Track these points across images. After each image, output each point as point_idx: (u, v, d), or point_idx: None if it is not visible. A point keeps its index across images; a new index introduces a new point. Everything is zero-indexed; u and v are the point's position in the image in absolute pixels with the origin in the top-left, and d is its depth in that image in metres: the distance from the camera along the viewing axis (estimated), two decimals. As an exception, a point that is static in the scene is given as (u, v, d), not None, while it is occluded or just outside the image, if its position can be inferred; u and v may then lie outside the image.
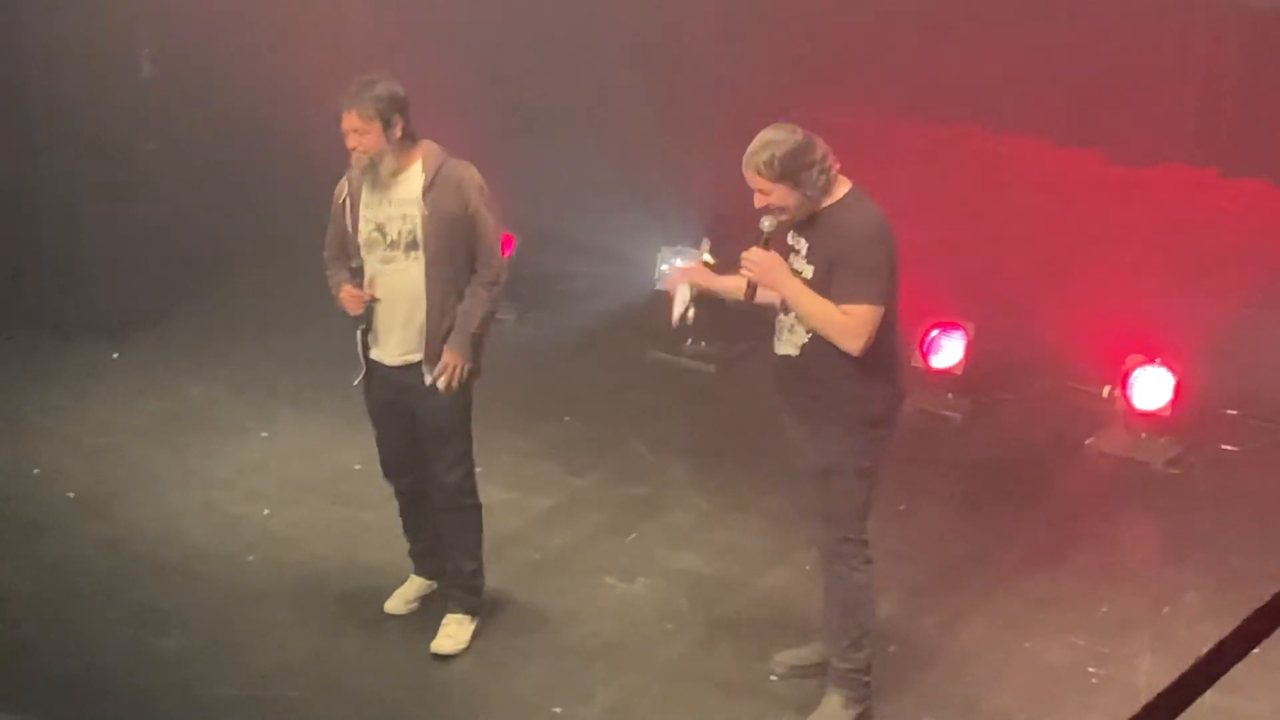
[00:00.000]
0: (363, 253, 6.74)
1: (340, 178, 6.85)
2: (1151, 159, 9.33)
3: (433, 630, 7.13)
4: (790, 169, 5.94)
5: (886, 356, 6.16)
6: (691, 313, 6.53)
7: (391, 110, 6.54)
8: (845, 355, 6.00)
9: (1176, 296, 9.11)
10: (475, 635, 7.16)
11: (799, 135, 6.01)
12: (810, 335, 6.08)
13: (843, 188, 6.07)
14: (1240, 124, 9.08)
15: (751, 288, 6.18)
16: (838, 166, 6.05)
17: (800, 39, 10.13)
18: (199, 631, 7.25)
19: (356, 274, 6.75)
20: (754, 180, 6.03)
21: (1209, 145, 9.19)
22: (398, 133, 6.57)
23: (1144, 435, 8.92)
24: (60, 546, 7.94)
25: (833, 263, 5.97)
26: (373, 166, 6.60)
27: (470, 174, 6.72)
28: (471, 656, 7.09)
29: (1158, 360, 8.85)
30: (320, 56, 10.52)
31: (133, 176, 10.21)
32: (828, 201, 6.04)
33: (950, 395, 9.34)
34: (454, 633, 7.13)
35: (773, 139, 6.01)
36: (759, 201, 6.05)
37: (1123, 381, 8.92)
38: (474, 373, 6.85)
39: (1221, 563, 7.78)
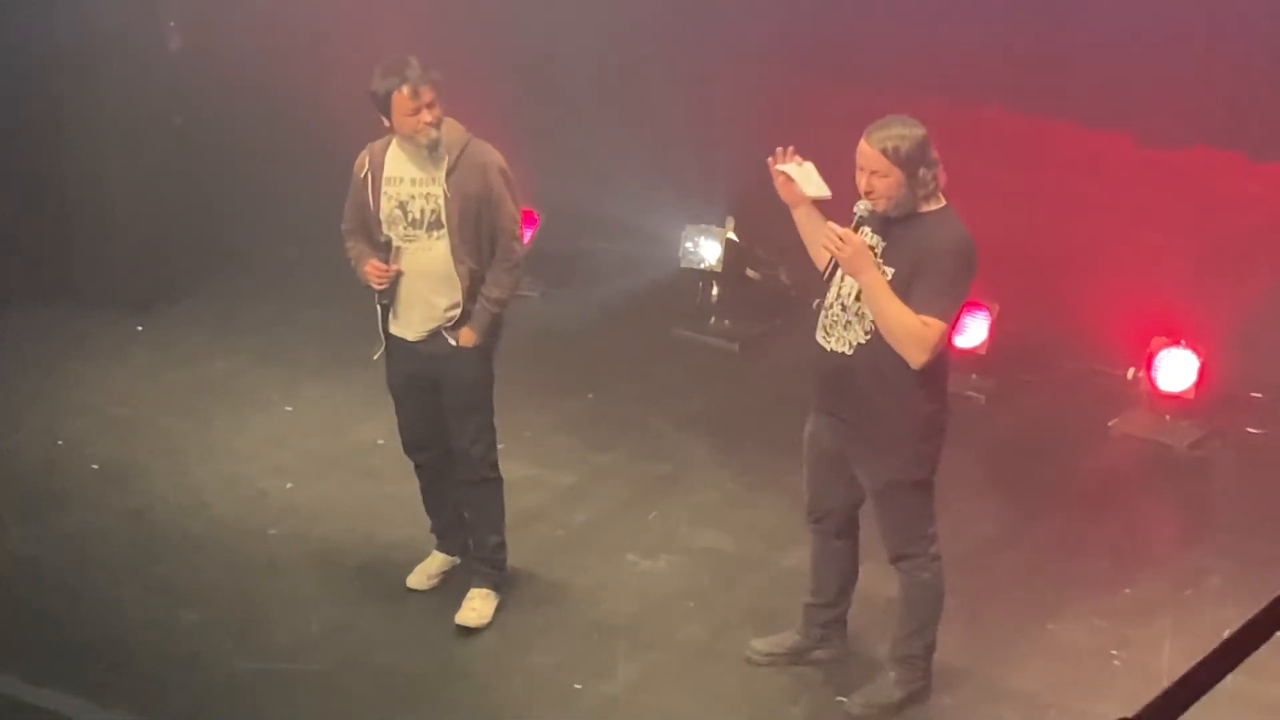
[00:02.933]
0: (384, 228, 6.76)
1: (360, 150, 6.88)
2: (1180, 141, 9.28)
3: (454, 606, 7.14)
4: (915, 159, 5.87)
5: (941, 372, 6.14)
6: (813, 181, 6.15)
7: None
8: (898, 366, 5.96)
9: (1202, 279, 9.07)
10: (498, 610, 7.18)
11: (924, 131, 5.93)
12: (869, 336, 6.01)
13: (940, 200, 6.01)
14: (1269, 107, 9.03)
15: (832, 265, 6.09)
16: (944, 178, 5.99)
17: (826, 18, 10.08)
18: (220, 604, 7.27)
19: (383, 248, 6.76)
20: (873, 159, 5.90)
21: (1237, 128, 9.13)
22: None
23: (1168, 418, 8.89)
24: (83, 517, 7.96)
25: (918, 270, 5.90)
26: (439, 140, 6.63)
27: (494, 157, 6.73)
28: (493, 632, 7.10)
29: (1182, 342, 8.82)
30: (349, 28, 10.52)
31: (159, 150, 10.22)
32: (925, 208, 5.97)
33: (974, 376, 9.31)
34: (479, 607, 7.14)
35: (903, 127, 5.91)
36: (865, 183, 5.94)
37: (1147, 363, 8.90)
38: (490, 348, 6.91)
39: (1245, 546, 7.76)
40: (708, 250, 10.06)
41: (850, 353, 6.08)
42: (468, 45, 9.83)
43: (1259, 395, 9.18)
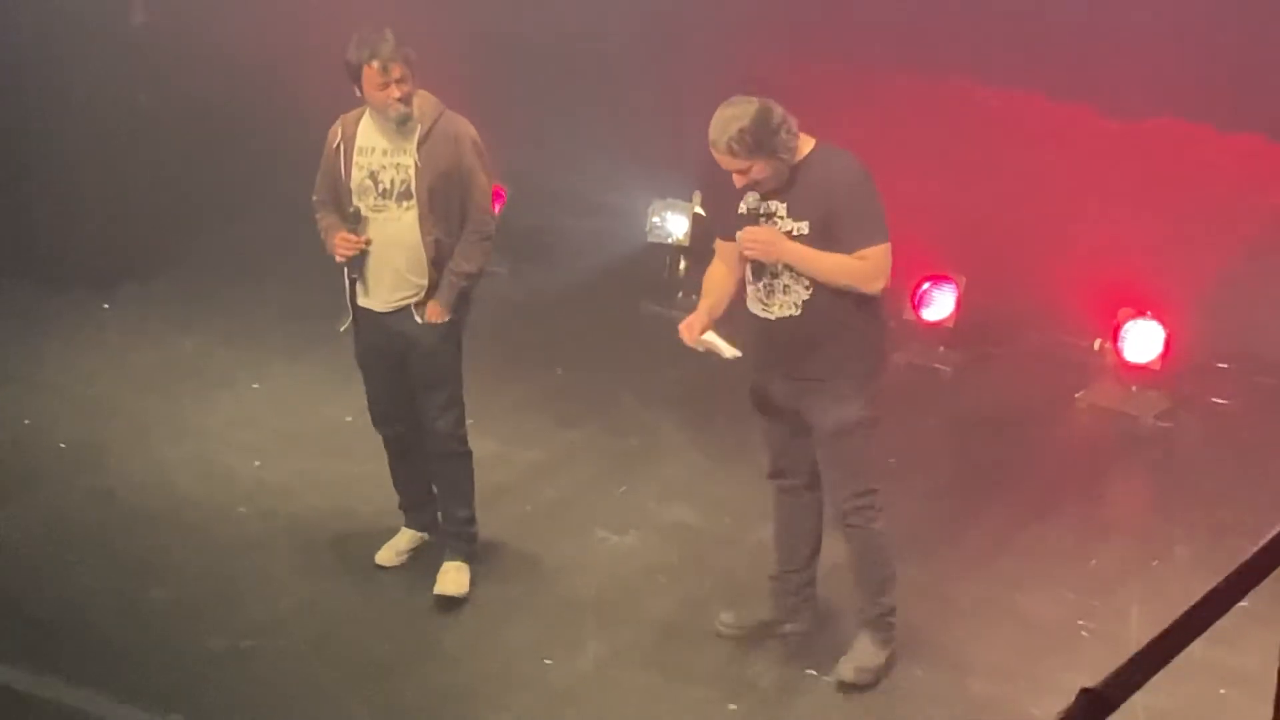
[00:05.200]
0: (354, 198, 6.75)
1: (333, 123, 6.87)
2: (1146, 113, 9.30)
3: (424, 582, 7.15)
4: (762, 138, 5.91)
5: (880, 300, 6.22)
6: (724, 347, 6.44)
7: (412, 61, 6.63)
8: (847, 308, 6.06)
9: (1168, 250, 9.09)
10: (471, 582, 7.18)
11: (755, 103, 5.96)
12: (811, 292, 6.07)
13: (808, 143, 6.07)
14: (1236, 78, 9.04)
15: (749, 264, 6.22)
16: (797, 122, 6.03)
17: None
18: (189, 583, 7.26)
19: (352, 219, 6.75)
20: (728, 161, 5.98)
21: (1204, 99, 9.15)
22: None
23: (1134, 389, 8.92)
24: (51, 497, 7.94)
25: (830, 214, 5.97)
26: (407, 115, 6.60)
27: (466, 129, 6.74)
28: (463, 608, 7.10)
29: (1149, 314, 8.84)
30: (320, 2, 10.46)
31: (124, 128, 10.17)
32: (798, 158, 6.03)
33: (941, 348, 9.33)
34: (456, 578, 7.14)
35: (732, 114, 5.95)
36: (739, 181, 6.04)
37: (1114, 335, 8.91)
38: (459, 322, 6.88)
39: (1211, 516, 7.79)
40: (675, 225, 10.05)
41: (799, 313, 6.16)
42: (435, 19, 9.78)
43: (1225, 366, 9.20)
